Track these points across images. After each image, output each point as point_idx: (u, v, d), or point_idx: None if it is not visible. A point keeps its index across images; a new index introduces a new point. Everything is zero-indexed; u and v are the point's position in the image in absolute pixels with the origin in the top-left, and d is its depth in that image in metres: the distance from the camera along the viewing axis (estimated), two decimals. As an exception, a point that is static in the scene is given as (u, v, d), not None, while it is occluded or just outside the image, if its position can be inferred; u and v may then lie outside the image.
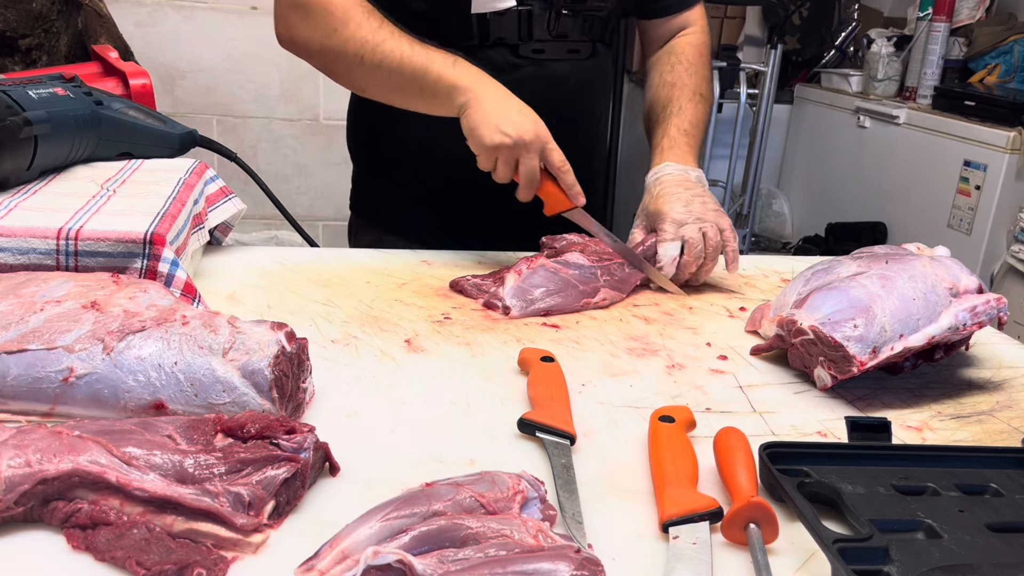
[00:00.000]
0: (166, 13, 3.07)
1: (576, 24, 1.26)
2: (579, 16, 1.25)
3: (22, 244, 0.85)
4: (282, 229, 3.16)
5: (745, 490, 0.64)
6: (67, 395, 0.68)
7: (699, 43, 1.38)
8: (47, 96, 1.00)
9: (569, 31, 1.26)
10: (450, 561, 0.54)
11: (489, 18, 1.21)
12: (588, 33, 1.28)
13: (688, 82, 1.33)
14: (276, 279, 1.10)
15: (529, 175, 1.09)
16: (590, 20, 1.27)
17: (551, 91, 1.26)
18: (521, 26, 1.23)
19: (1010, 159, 2.59)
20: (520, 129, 1.07)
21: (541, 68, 1.26)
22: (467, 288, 1.09)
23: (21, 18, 1.91)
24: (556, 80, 1.27)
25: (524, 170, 1.09)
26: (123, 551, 0.55)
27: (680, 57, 1.36)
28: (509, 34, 1.23)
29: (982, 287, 0.93)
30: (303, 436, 0.64)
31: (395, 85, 1.15)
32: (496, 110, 1.08)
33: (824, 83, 3.54)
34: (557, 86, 1.28)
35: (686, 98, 1.31)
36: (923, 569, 0.57)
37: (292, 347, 0.74)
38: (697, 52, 1.37)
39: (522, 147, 1.07)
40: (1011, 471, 0.70)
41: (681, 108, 1.30)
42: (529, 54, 1.25)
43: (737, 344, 1.00)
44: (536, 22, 1.23)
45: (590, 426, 0.78)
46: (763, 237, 3.75)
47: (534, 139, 1.08)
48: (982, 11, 3.12)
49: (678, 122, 1.29)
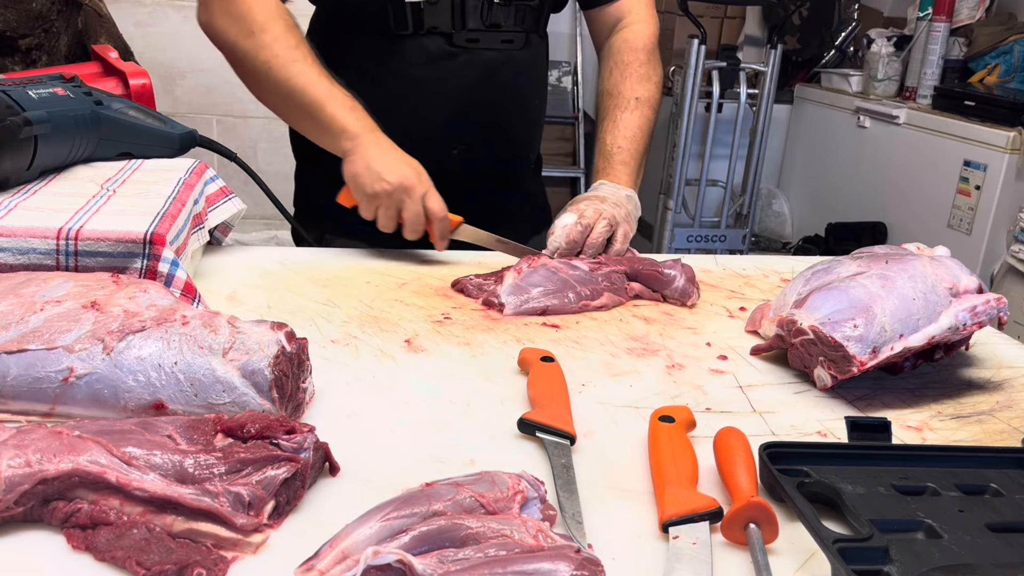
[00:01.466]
0: (166, 13, 3.08)
1: (509, 14, 1.27)
2: (512, 6, 1.27)
3: (22, 244, 0.85)
4: (282, 229, 3.17)
5: (745, 490, 0.64)
6: (67, 395, 0.68)
7: (634, 37, 1.36)
8: (47, 96, 1.00)
9: (502, 21, 1.27)
10: (450, 561, 0.54)
11: (423, 7, 1.23)
12: (521, 23, 1.29)
13: (622, 89, 1.33)
14: (276, 279, 1.10)
15: (414, 220, 1.12)
16: (523, 11, 1.28)
17: (484, 80, 1.28)
18: (455, 15, 1.25)
19: (1010, 159, 2.60)
20: (401, 176, 1.11)
21: (475, 57, 1.27)
22: (469, 287, 1.09)
23: (21, 18, 1.91)
24: (490, 69, 1.29)
25: (408, 216, 1.12)
26: (123, 551, 0.55)
27: (616, 60, 1.35)
28: (443, 23, 1.25)
29: (982, 287, 0.93)
30: (303, 436, 0.64)
31: (291, 107, 1.18)
32: (379, 159, 1.12)
33: (824, 83, 3.54)
34: (490, 75, 1.29)
35: (620, 108, 1.31)
36: (923, 569, 0.57)
37: (292, 347, 0.74)
38: (630, 49, 1.35)
39: (403, 192, 1.11)
40: (1011, 471, 0.70)
41: (615, 121, 1.30)
42: (463, 43, 1.26)
43: (737, 344, 1.00)
44: (470, 12, 1.25)
45: (590, 426, 0.78)
46: (763, 237, 3.75)
47: (415, 185, 1.11)
48: (982, 11, 3.12)
49: (611, 139, 1.30)
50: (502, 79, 1.30)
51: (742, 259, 1.32)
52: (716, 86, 3.31)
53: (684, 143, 3.29)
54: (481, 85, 1.28)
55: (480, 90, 1.29)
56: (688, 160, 3.34)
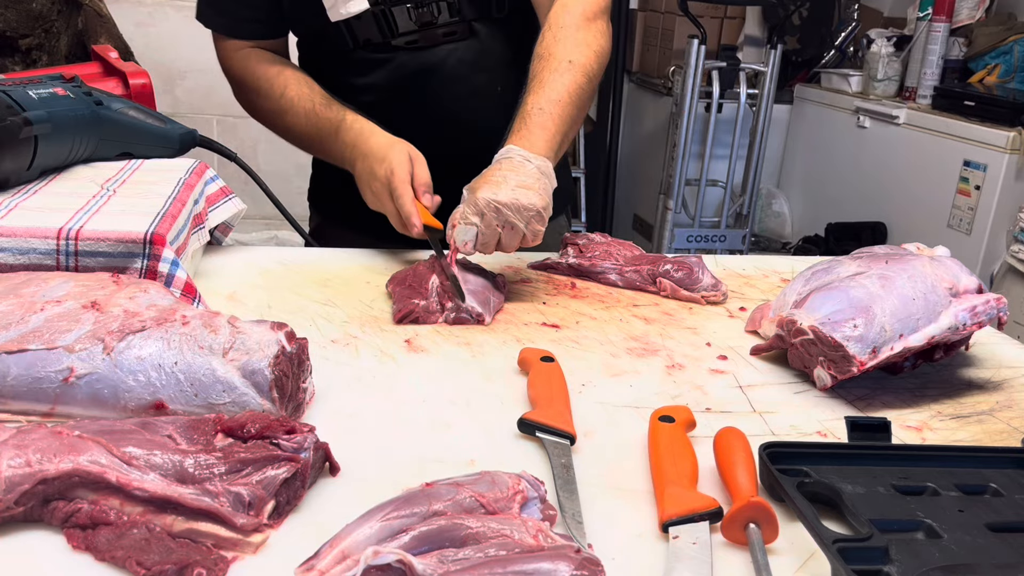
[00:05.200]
0: (166, 13, 3.08)
1: (441, 10, 1.26)
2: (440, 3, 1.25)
3: (22, 244, 0.85)
4: (282, 229, 3.17)
5: (745, 490, 0.64)
6: (67, 395, 0.68)
7: (574, 3, 1.22)
8: (47, 96, 1.00)
9: (434, 18, 1.26)
10: (450, 561, 0.54)
11: (351, 23, 1.25)
12: (458, 14, 1.27)
13: (555, 50, 1.17)
14: (276, 279, 1.10)
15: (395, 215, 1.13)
16: (456, 3, 1.26)
17: (426, 76, 1.29)
18: (381, 24, 1.26)
19: (1010, 159, 2.59)
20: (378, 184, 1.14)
21: (414, 57, 1.28)
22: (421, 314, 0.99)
23: (21, 18, 1.91)
24: (430, 65, 1.29)
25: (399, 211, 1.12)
26: (123, 551, 0.55)
27: (551, 23, 1.21)
28: (373, 35, 1.26)
29: (982, 287, 0.93)
30: (303, 436, 0.64)
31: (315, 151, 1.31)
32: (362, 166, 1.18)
33: (824, 83, 3.54)
34: (431, 70, 1.29)
35: (550, 69, 1.15)
36: (923, 569, 0.57)
37: (292, 347, 0.74)
38: (568, 13, 1.21)
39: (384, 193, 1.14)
40: (1011, 471, 0.70)
41: (542, 82, 1.14)
42: (402, 45, 1.27)
43: (737, 344, 1.00)
44: (399, 16, 1.25)
45: (590, 426, 0.78)
46: (763, 237, 3.75)
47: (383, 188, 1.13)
48: (982, 11, 3.12)
49: (535, 99, 1.13)
50: (449, 73, 1.29)
51: (742, 259, 1.32)
52: (716, 86, 3.31)
53: (684, 143, 3.29)
54: (423, 80, 1.29)
55: (431, 88, 1.29)
56: (688, 160, 3.34)
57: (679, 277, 1.12)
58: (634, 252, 1.19)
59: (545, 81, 1.14)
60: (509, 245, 1.04)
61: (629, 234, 3.86)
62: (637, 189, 3.86)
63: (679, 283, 1.12)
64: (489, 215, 1.02)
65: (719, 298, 1.12)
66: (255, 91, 1.30)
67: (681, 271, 1.13)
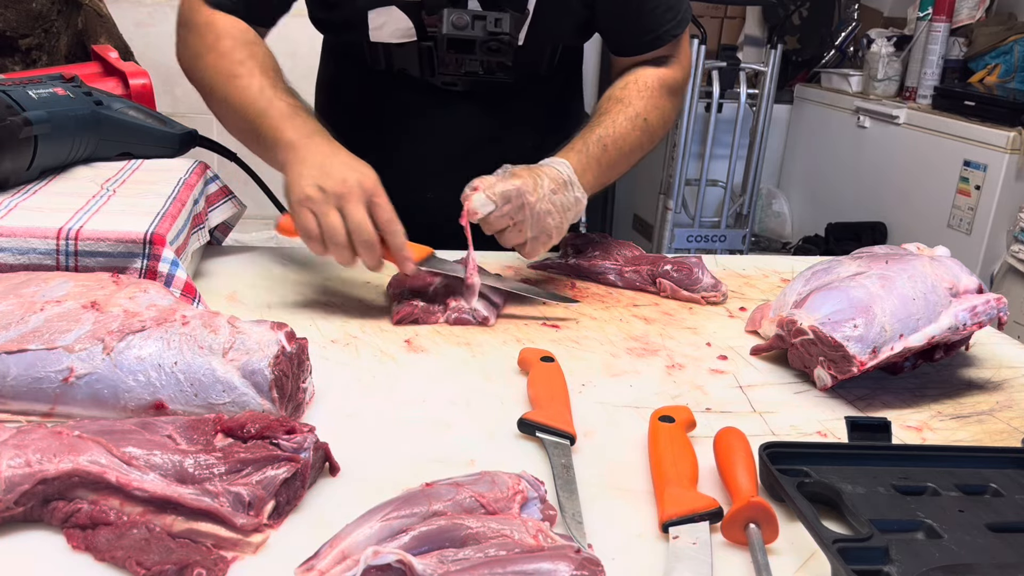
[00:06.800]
0: (166, 13, 3.07)
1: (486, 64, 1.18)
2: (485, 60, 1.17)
3: (22, 244, 0.85)
4: (282, 229, 3.15)
5: (745, 490, 0.64)
6: (67, 395, 0.68)
7: (665, 75, 1.21)
8: (47, 96, 1.00)
9: (479, 70, 1.19)
10: (450, 561, 0.54)
11: (391, 49, 1.20)
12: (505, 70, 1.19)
13: (636, 103, 1.16)
14: (276, 279, 1.10)
15: (356, 229, 0.92)
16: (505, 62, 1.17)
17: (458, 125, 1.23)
18: (423, 60, 1.20)
19: (1010, 159, 2.59)
20: (335, 182, 0.92)
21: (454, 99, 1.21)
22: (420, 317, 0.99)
23: (21, 18, 1.91)
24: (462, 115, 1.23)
25: (351, 225, 0.92)
26: (123, 551, 0.55)
27: (637, 77, 1.19)
28: (411, 66, 1.21)
29: (982, 287, 0.93)
30: (303, 436, 0.64)
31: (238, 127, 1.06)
32: (316, 165, 0.95)
33: (824, 83, 3.54)
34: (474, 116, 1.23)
35: (625, 116, 1.14)
36: (923, 569, 0.57)
37: (292, 347, 0.74)
38: (659, 81, 1.20)
39: (337, 199, 0.92)
40: (1011, 471, 0.70)
41: (616, 124, 1.13)
42: (440, 85, 1.22)
43: (737, 344, 1.00)
44: (441, 58, 1.18)
45: (590, 426, 0.78)
46: (763, 237, 3.75)
47: (354, 189, 0.92)
48: (982, 11, 3.12)
49: (602, 132, 1.11)
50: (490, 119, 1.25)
51: (742, 259, 1.32)
52: (716, 86, 3.31)
53: (684, 143, 3.29)
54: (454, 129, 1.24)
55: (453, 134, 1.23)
56: (688, 160, 3.33)
57: (679, 277, 1.12)
58: (634, 252, 1.19)
59: (619, 124, 1.13)
60: (506, 240, 1.03)
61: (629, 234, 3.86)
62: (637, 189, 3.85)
63: (679, 283, 1.12)
64: (511, 208, 0.98)
65: (719, 298, 1.12)
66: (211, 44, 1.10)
67: (681, 271, 1.13)
